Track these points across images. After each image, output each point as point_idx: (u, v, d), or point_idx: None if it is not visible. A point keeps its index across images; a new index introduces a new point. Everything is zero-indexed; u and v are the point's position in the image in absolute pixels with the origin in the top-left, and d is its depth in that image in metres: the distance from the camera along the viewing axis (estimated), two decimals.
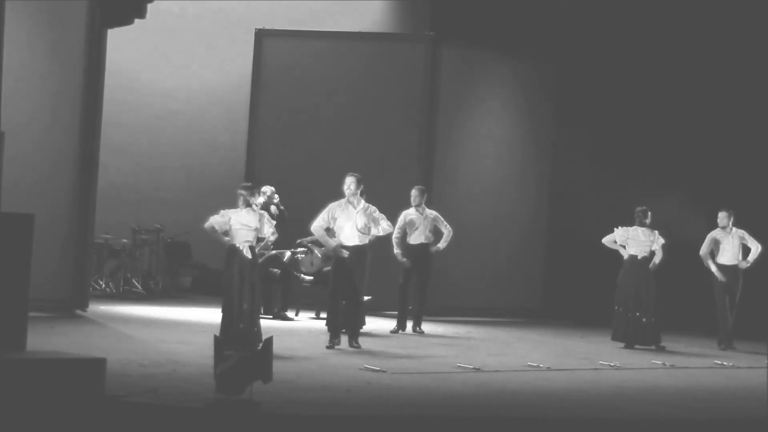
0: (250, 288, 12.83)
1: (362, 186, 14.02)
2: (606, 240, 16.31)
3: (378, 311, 17.59)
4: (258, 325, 13.00)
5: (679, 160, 20.16)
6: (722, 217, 16.82)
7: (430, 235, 16.54)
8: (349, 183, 13.99)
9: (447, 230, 16.61)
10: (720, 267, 16.69)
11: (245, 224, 12.91)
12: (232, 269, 12.83)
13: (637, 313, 15.94)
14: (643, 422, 10.36)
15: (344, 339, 13.89)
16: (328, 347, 13.68)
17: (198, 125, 21.48)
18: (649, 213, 16.08)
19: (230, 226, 12.92)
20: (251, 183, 14.11)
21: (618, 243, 16.20)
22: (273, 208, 16.87)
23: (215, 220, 12.99)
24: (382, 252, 16.60)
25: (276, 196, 17.07)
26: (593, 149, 20.50)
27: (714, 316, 16.87)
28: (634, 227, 16.10)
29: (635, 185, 19.79)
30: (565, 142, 20.64)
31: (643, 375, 13.36)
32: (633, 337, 15.94)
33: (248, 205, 13.01)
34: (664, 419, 10.53)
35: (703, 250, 16.78)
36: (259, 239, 13.22)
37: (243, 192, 13.04)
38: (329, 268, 16.51)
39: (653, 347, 15.80)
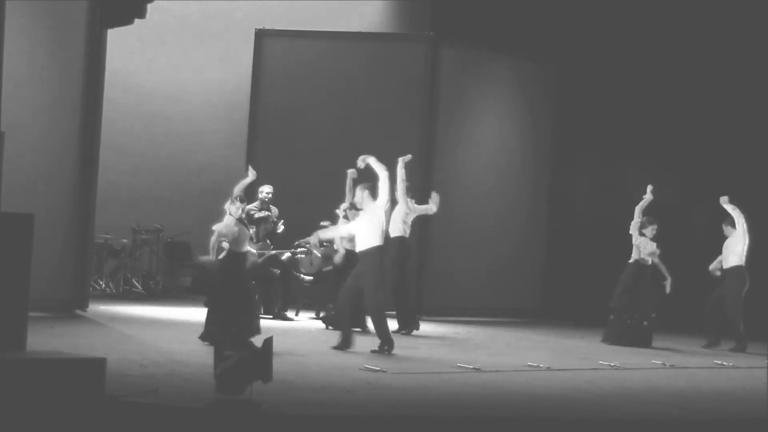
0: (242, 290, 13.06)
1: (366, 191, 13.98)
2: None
3: None
4: (257, 316, 13.22)
5: (680, 160, 20.16)
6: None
7: (407, 228, 16.33)
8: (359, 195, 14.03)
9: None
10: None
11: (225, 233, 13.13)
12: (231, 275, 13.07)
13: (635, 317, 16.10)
14: (643, 422, 10.37)
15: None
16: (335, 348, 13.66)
17: (198, 125, 21.48)
18: (654, 226, 16.26)
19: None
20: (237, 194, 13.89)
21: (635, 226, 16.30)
22: (275, 210, 16.88)
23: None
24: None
25: (275, 209, 16.99)
26: (593, 149, 20.52)
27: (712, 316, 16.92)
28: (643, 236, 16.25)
29: (635, 185, 19.78)
30: (565, 141, 20.65)
31: (643, 375, 13.36)
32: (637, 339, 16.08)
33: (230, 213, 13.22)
34: (664, 419, 10.53)
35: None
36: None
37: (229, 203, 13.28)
38: (329, 268, 16.54)
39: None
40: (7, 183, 12.24)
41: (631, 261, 16.36)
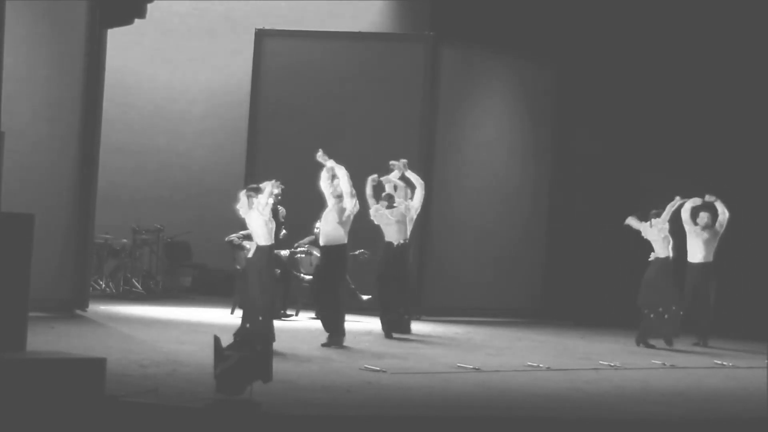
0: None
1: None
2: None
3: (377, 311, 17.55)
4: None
5: (680, 159, 20.15)
6: (704, 216, 16.97)
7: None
8: None
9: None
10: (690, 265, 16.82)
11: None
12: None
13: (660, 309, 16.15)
14: (643, 422, 10.37)
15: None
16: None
17: (198, 125, 21.49)
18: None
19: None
20: (255, 185, 14.09)
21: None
22: (282, 210, 16.88)
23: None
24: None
25: (282, 209, 17.01)
26: (593, 149, 20.51)
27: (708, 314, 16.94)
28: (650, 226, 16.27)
29: (635, 184, 19.80)
30: (565, 141, 20.64)
31: (643, 375, 13.36)
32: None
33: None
34: (664, 419, 10.53)
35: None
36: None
37: (249, 193, 13.36)
38: None
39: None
40: (7, 183, 12.26)
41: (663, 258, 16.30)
